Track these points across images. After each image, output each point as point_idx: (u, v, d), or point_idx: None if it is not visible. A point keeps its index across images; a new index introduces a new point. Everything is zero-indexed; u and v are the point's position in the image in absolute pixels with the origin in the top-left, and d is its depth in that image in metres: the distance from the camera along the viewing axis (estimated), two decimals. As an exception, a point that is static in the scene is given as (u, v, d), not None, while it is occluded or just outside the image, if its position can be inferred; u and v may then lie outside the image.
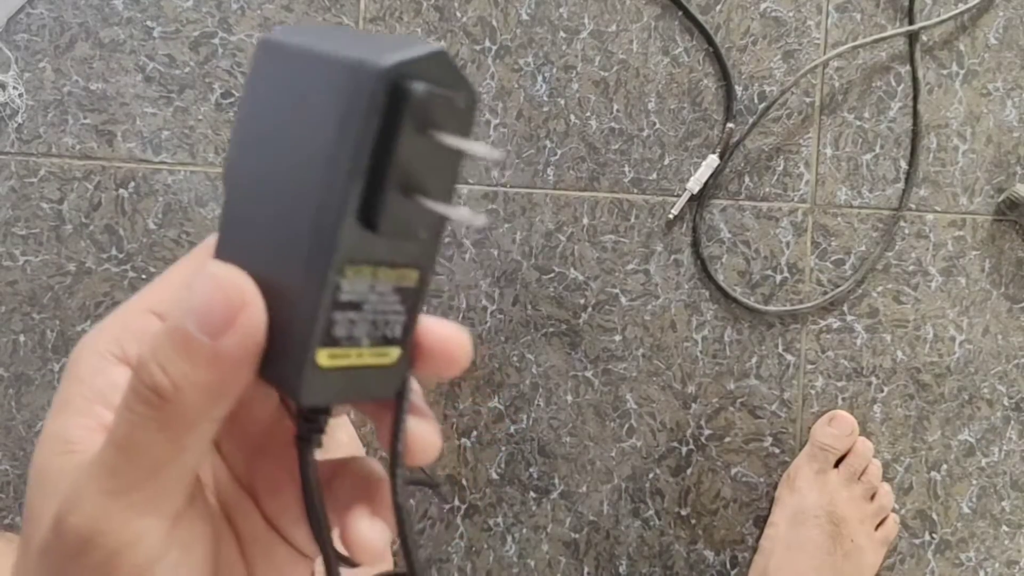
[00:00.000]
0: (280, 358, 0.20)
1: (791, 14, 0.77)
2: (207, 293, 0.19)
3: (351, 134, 0.18)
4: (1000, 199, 0.78)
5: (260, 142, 0.20)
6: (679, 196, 0.76)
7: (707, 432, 0.77)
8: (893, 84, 0.78)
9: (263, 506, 0.24)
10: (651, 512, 0.77)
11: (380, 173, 0.19)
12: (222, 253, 0.21)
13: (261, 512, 0.24)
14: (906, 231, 0.78)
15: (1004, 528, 0.78)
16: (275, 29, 0.21)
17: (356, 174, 0.18)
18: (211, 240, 0.22)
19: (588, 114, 0.76)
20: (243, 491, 0.24)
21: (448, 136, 0.19)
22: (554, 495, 0.76)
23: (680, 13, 0.76)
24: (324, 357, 0.20)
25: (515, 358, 0.76)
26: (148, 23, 0.74)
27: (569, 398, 0.76)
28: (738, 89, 0.76)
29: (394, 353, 0.21)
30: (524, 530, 0.76)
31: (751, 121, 0.76)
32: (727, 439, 0.77)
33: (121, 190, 0.74)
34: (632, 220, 0.76)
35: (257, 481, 0.24)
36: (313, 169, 0.19)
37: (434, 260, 0.21)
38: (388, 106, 0.18)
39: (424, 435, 0.22)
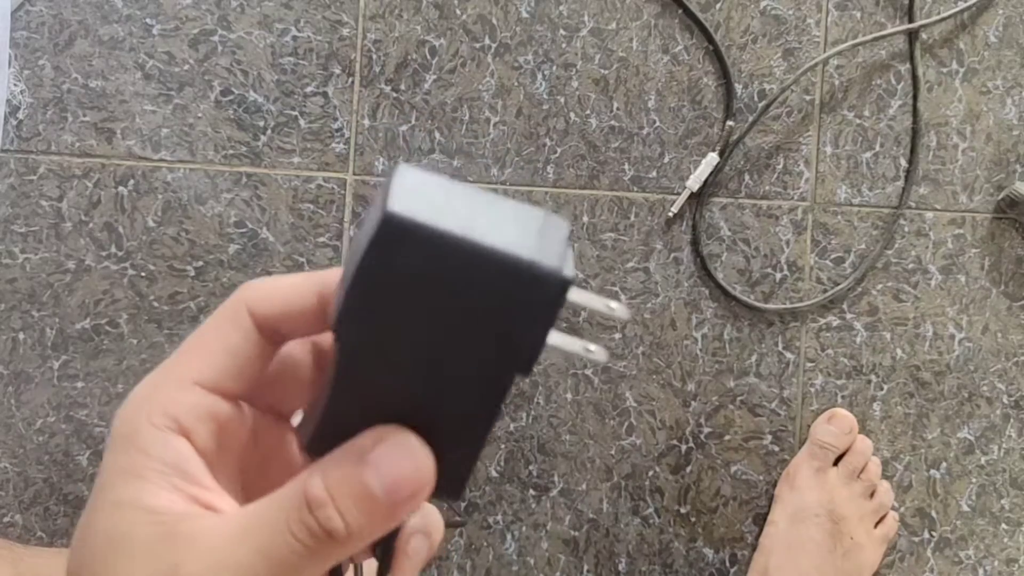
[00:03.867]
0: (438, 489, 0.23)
1: (791, 12, 0.77)
2: (402, 467, 0.21)
3: (533, 328, 0.21)
4: (1000, 197, 0.78)
5: (400, 315, 0.21)
6: (679, 194, 0.76)
7: (707, 430, 0.77)
8: (893, 82, 0.78)
9: None
10: (650, 510, 0.77)
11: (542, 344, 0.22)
12: (348, 406, 0.22)
13: None
14: (906, 229, 0.78)
15: (1003, 526, 0.78)
16: (393, 202, 0.20)
17: (537, 356, 0.21)
18: (239, 300, 0.24)
19: (588, 112, 0.76)
20: None
21: (579, 294, 0.22)
22: (554, 493, 0.76)
23: (680, 11, 0.76)
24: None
25: (515, 356, 0.76)
26: (147, 20, 0.74)
27: (569, 396, 0.76)
28: (738, 87, 0.76)
29: None
30: (524, 528, 0.76)
31: (751, 119, 0.76)
32: (727, 437, 0.77)
33: (120, 188, 0.74)
34: (632, 218, 0.76)
35: None
36: (485, 350, 0.21)
37: None
38: (561, 305, 0.21)
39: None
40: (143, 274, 0.74)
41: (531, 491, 0.76)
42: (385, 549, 0.24)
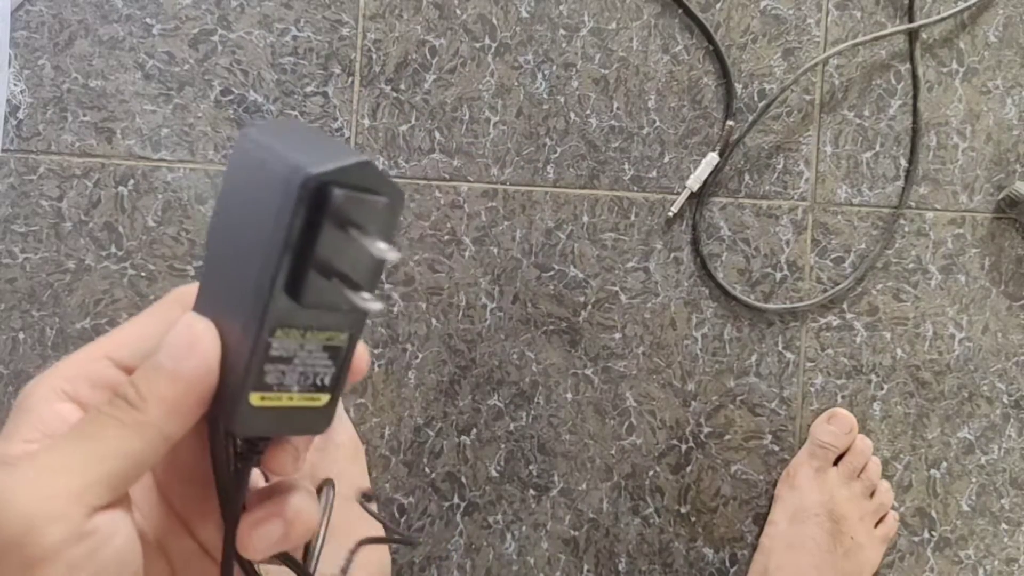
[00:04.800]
0: (222, 398, 0.24)
1: (791, 12, 0.77)
2: (179, 333, 0.24)
3: (282, 225, 0.23)
4: (1000, 197, 0.78)
5: (228, 217, 0.25)
6: (679, 194, 0.76)
7: (707, 430, 0.77)
8: (893, 82, 0.78)
9: (196, 533, 0.27)
10: (651, 510, 0.77)
11: (305, 258, 0.23)
12: (197, 306, 0.25)
13: (195, 539, 0.27)
14: (906, 229, 0.78)
15: (1003, 526, 0.78)
16: (253, 126, 0.24)
17: (284, 257, 0.23)
18: (172, 295, 0.27)
19: (588, 112, 0.76)
20: (176, 519, 0.27)
21: (363, 235, 0.23)
22: (554, 492, 0.76)
23: (680, 11, 0.76)
24: (256, 398, 0.24)
25: (515, 356, 0.76)
26: (147, 20, 0.74)
27: (569, 396, 0.76)
28: (738, 87, 0.76)
29: (324, 398, 0.26)
30: (524, 528, 0.76)
31: (751, 119, 0.76)
32: (727, 437, 0.77)
33: (120, 187, 0.74)
34: (632, 218, 0.76)
35: (190, 510, 0.27)
36: (256, 248, 0.23)
37: (362, 325, 0.26)
38: (311, 206, 0.23)
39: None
40: (143, 274, 0.74)
41: (531, 491, 0.76)
42: (230, 517, 0.25)
